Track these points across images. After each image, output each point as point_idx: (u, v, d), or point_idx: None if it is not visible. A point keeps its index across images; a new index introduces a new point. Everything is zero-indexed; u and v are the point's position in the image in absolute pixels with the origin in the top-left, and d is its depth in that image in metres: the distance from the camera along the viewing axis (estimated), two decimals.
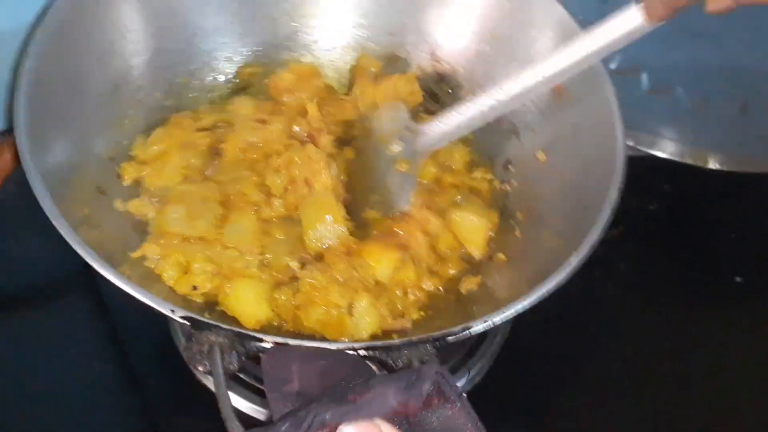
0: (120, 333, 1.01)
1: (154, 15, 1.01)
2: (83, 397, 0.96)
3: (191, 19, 1.05)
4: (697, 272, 1.15)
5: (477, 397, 0.95)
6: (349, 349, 0.70)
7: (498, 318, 0.73)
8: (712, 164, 1.16)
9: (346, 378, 0.64)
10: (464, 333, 0.72)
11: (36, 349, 0.98)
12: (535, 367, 1.03)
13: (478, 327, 0.72)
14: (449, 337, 0.72)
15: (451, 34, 1.11)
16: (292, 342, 0.70)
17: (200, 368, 0.68)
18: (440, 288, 0.92)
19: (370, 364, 0.70)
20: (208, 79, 1.08)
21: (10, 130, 1.15)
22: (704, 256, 1.17)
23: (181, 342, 0.98)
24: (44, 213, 0.74)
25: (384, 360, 0.69)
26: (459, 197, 0.99)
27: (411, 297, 0.88)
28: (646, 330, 1.08)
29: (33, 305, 1.04)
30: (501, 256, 0.93)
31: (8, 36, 1.01)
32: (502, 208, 1.00)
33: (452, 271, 0.93)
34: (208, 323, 0.70)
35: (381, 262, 0.87)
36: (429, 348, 0.70)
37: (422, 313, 0.86)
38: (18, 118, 0.80)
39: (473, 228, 0.95)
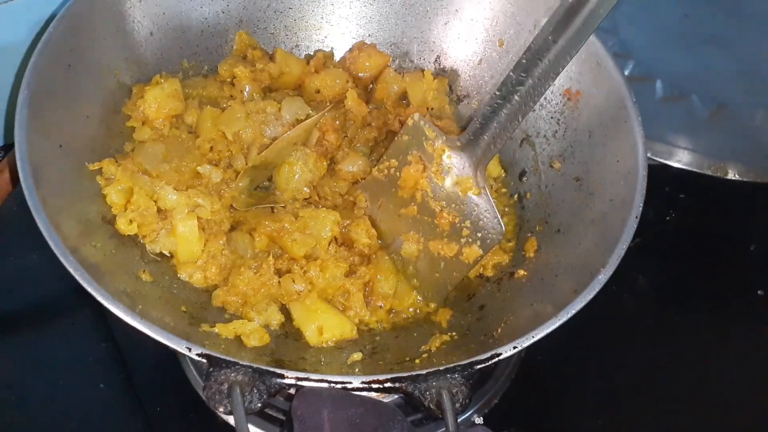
0: (123, 352, 0.98)
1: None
2: (88, 421, 0.94)
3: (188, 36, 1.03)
4: (717, 285, 1.12)
5: (494, 419, 0.94)
6: (375, 382, 0.67)
7: (527, 342, 0.71)
8: (732, 175, 1.12)
9: (377, 428, 0.61)
10: (493, 360, 0.69)
11: (38, 370, 0.96)
12: (551, 385, 1.00)
13: (506, 353, 0.70)
14: (477, 366, 0.69)
15: (457, 41, 1.08)
16: (314, 377, 0.67)
17: (221, 409, 0.65)
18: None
19: (401, 413, 0.67)
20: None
21: (7, 146, 1.15)
22: (724, 269, 1.13)
23: (187, 364, 0.96)
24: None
25: (412, 393, 0.66)
26: None
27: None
28: (663, 343, 1.05)
29: (34, 323, 1.01)
30: (521, 272, 0.90)
31: (7, 51, 1.01)
32: (519, 221, 0.97)
33: None
34: (226, 360, 0.67)
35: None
36: (458, 377, 0.67)
37: (446, 337, 0.83)
38: (20, 150, 0.77)
39: None
